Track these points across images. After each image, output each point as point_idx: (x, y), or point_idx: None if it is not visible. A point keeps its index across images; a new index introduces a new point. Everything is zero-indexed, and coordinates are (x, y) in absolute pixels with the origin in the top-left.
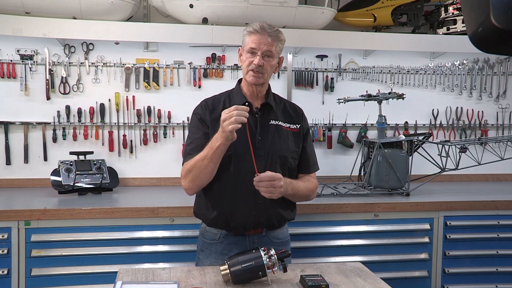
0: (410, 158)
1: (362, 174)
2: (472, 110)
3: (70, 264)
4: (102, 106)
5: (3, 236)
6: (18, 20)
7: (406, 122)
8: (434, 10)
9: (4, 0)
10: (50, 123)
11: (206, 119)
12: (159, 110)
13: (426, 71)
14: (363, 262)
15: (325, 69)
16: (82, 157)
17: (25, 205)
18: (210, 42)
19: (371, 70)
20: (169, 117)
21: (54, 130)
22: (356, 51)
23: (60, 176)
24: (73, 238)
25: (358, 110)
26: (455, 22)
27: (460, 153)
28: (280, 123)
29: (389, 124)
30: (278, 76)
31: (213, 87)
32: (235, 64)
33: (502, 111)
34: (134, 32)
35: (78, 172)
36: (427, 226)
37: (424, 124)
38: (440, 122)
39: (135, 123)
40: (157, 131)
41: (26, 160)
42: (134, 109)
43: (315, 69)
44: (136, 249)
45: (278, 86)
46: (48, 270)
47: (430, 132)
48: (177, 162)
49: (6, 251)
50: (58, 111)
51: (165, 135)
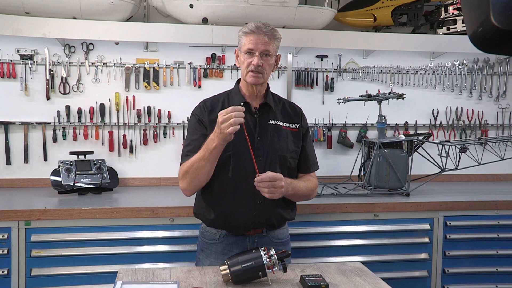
0: (410, 158)
1: (362, 174)
2: (472, 110)
3: (70, 264)
4: (102, 106)
5: (3, 236)
6: (18, 20)
7: (406, 122)
8: (434, 10)
9: (4, 0)
10: (50, 123)
11: (204, 120)
12: (159, 110)
13: (426, 71)
14: (363, 262)
15: (325, 69)
16: (82, 157)
17: (25, 205)
18: (210, 42)
19: (371, 70)
20: (169, 117)
21: (54, 130)
22: (356, 51)
23: (60, 176)
24: (73, 238)
25: (358, 110)
26: (455, 22)
27: (460, 153)
28: (279, 123)
29: (389, 124)
30: (278, 76)
31: (213, 87)
32: (235, 64)
33: (502, 111)
34: (134, 32)
35: (78, 172)
36: (427, 226)
37: (424, 124)
38: (440, 122)
39: (135, 123)
40: (157, 131)
41: (26, 160)
42: (134, 109)
43: (315, 69)
44: (136, 249)
45: (278, 86)
46: (48, 270)
47: (430, 132)
48: (177, 162)
49: (6, 251)
50: (58, 111)
51: (165, 135)
